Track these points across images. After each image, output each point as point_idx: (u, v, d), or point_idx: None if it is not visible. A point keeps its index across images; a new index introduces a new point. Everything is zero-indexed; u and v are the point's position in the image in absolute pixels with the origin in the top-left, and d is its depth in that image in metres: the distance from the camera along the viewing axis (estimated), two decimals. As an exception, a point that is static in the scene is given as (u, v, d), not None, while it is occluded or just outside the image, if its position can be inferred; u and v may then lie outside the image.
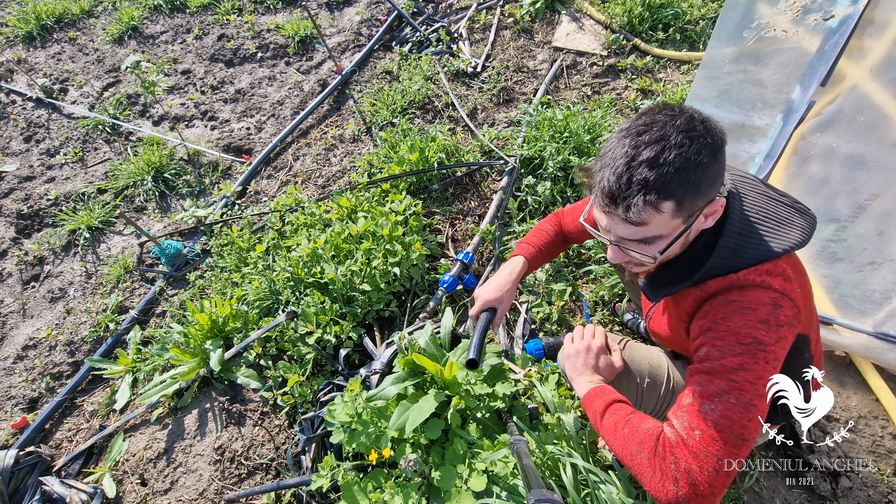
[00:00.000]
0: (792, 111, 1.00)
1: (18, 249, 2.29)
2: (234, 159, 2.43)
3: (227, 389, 1.63)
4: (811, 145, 1.06)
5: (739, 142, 1.15)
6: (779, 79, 1.01)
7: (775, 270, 0.70)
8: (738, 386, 0.65)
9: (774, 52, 0.99)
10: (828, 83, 0.94)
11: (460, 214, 1.99)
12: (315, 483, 1.21)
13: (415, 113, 2.38)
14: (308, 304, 1.58)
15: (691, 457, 0.64)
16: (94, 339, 1.94)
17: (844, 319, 1.28)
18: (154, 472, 1.51)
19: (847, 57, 0.92)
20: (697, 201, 0.67)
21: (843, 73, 0.94)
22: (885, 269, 1.13)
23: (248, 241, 1.97)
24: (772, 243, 0.72)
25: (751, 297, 0.69)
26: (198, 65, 3.00)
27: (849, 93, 0.96)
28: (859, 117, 0.96)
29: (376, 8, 3.06)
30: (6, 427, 1.73)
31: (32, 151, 2.73)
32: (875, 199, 1.04)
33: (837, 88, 0.96)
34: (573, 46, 2.49)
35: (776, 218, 0.75)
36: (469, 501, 1.08)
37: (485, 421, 1.29)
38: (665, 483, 0.65)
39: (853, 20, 0.85)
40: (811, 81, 0.94)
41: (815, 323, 0.84)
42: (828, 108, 0.99)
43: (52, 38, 3.42)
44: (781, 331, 0.67)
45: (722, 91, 1.15)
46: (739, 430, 0.63)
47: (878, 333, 1.24)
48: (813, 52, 0.92)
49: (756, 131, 1.10)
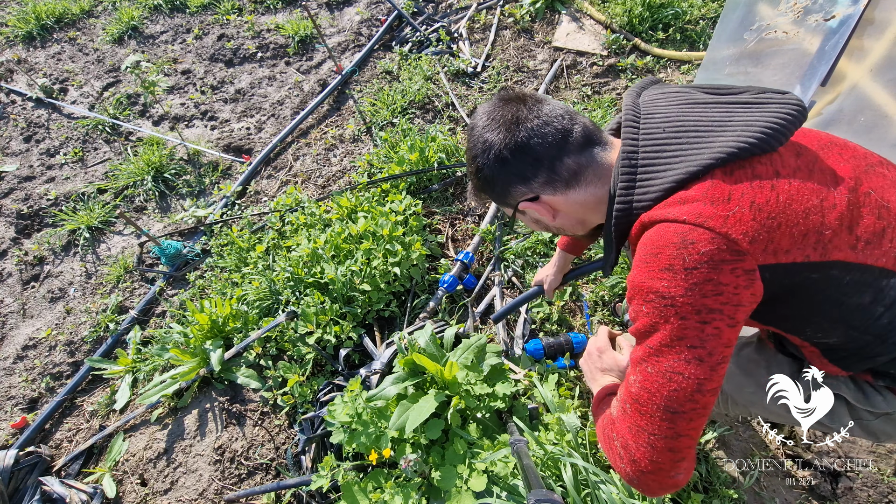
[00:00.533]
0: None
1: (18, 249, 2.29)
2: (234, 159, 2.43)
3: (227, 389, 1.63)
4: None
5: None
6: (779, 80, 1.01)
7: (693, 196, 0.55)
8: (654, 352, 0.56)
9: (775, 52, 0.99)
10: (828, 83, 0.94)
11: (460, 214, 1.99)
12: (315, 483, 1.21)
13: (415, 113, 2.38)
14: (308, 304, 1.58)
15: (627, 432, 0.59)
16: (93, 339, 1.93)
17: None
18: (154, 472, 1.51)
19: (847, 57, 0.92)
20: (502, 200, 0.77)
21: (843, 73, 0.94)
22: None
23: (248, 241, 1.97)
24: (683, 162, 0.57)
25: (653, 239, 0.56)
26: (198, 65, 3.00)
27: (849, 93, 0.96)
28: (859, 117, 0.97)
29: (376, 8, 3.06)
30: (6, 427, 1.73)
31: (32, 151, 2.73)
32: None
33: (837, 88, 0.96)
34: (573, 46, 2.49)
35: (698, 127, 0.60)
36: (469, 501, 1.08)
37: (485, 421, 1.29)
38: (617, 462, 0.61)
39: (853, 20, 0.85)
40: (811, 81, 0.94)
41: (842, 241, 0.55)
42: (828, 108, 0.99)
43: (52, 38, 3.42)
44: (695, 274, 0.52)
45: None
46: (662, 402, 0.54)
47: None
48: (813, 53, 0.93)
49: None
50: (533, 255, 1.74)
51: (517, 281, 1.72)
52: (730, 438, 1.31)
